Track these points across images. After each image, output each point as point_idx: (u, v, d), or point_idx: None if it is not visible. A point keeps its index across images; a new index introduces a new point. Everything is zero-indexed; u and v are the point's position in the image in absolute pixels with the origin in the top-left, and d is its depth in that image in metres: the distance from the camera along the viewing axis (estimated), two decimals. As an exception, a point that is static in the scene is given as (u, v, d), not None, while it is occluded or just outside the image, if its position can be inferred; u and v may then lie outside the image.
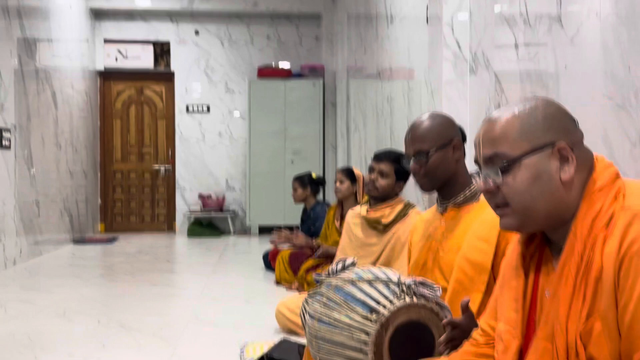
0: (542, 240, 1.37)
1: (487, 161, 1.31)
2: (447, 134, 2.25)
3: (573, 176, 1.26)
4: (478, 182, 1.37)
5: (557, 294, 1.24)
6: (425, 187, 2.25)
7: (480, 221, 2.14)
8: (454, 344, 1.77)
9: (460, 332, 1.75)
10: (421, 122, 2.30)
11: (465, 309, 1.77)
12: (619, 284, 1.13)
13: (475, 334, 1.53)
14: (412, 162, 2.22)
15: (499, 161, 1.28)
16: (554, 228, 1.31)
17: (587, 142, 1.36)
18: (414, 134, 2.26)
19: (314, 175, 5.85)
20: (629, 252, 1.12)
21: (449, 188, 2.25)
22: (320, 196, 5.90)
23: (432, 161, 2.19)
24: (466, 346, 1.53)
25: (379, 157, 3.30)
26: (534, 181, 1.27)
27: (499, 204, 1.31)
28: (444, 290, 2.15)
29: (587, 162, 1.29)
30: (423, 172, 2.19)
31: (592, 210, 1.23)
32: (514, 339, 1.35)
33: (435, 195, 2.32)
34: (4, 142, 5.63)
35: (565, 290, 1.22)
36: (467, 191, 2.24)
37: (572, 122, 1.32)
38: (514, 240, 1.47)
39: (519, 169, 1.26)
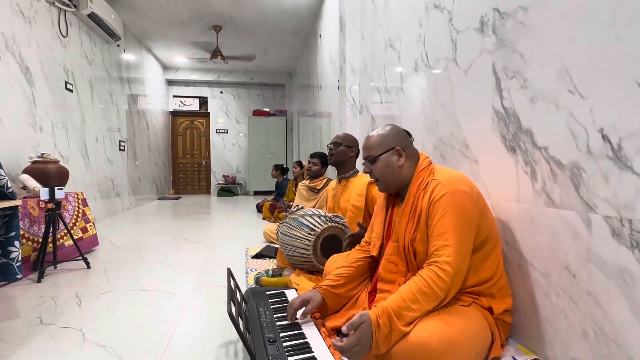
0: (395, 194, 1.40)
1: (365, 158, 1.34)
2: (354, 145, 2.31)
3: (404, 163, 1.28)
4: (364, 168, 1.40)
5: (401, 221, 1.28)
6: (333, 162, 2.28)
7: (358, 186, 2.18)
8: (354, 244, 1.80)
9: (359, 237, 1.79)
10: (343, 134, 2.33)
11: (360, 226, 1.83)
12: (429, 217, 1.18)
13: (363, 241, 1.55)
14: (332, 146, 2.26)
15: (370, 157, 1.31)
16: (400, 189, 1.33)
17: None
18: (339, 137, 2.29)
19: (284, 166, 5.83)
20: (432, 201, 1.17)
21: (344, 169, 2.29)
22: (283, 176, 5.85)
23: (341, 150, 2.25)
24: (359, 246, 1.55)
25: (313, 155, 3.28)
26: (385, 167, 1.29)
27: (375, 179, 1.34)
28: (345, 219, 2.19)
29: (414, 156, 1.32)
30: (336, 154, 2.26)
31: (418, 181, 1.26)
32: (378, 240, 1.39)
33: (336, 173, 2.34)
34: (121, 147, 5.37)
35: (404, 219, 1.26)
36: (352, 171, 2.30)
37: (406, 135, 1.33)
38: (381, 195, 1.49)
39: (379, 161, 1.30)
